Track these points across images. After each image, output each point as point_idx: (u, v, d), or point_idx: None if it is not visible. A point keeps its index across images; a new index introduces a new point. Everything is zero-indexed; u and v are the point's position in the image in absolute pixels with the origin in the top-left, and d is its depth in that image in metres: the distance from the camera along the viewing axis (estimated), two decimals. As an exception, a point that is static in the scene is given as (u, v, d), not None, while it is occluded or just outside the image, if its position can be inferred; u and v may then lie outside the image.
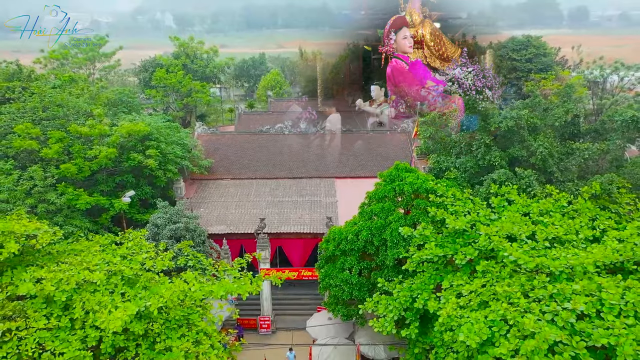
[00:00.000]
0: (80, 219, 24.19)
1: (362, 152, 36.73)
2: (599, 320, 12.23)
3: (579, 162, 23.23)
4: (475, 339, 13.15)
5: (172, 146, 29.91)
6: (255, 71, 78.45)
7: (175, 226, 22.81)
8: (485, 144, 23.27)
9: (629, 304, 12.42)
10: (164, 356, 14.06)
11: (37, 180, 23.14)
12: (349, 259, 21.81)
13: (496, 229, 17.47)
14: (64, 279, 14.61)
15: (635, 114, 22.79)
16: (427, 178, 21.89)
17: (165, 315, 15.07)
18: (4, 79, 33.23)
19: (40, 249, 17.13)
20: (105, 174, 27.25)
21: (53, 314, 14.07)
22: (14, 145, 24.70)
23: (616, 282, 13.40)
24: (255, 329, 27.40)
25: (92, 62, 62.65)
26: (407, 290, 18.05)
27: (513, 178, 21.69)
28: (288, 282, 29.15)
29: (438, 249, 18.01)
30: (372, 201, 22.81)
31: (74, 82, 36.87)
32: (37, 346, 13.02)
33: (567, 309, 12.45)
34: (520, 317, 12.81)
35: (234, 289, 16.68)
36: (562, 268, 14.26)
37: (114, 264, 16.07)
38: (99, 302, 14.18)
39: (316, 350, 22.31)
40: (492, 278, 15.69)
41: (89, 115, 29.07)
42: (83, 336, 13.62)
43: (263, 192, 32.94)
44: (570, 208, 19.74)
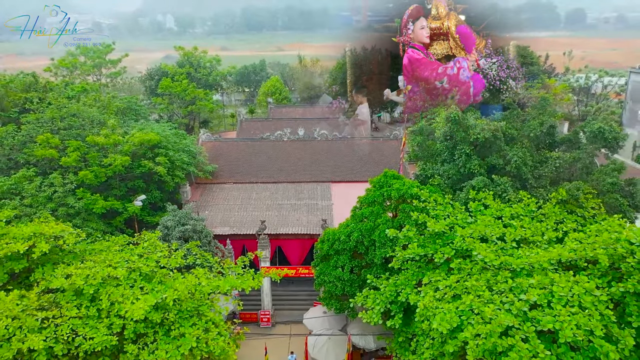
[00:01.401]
0: (96, 221, 26.21)
1: (356, 158, 38.74)
2: (548, 309, 14.25)
3: (552, 170, 25.25)
4: (446, 326, 15.18)
5: (180, 153, 31.91)
6: (255, 77, 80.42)
7: (184, 228, 24.84)
8: (466, 154, 25.27)
9: (574, 295, 14.45)
10: (178, 341, 16.05)
11: (57, 187, 25.15)
12: (342, 258, 23.79)
13: (471, 231, 19.50)
14: (90, 275, 16.63)
15: (601, 126, 24.85)
16: (412, 184, 23.88)
17: (178, 306, 17.06)
18: (22, 90, 35.23)
19: (65, 249, 19.17)
20: (118, 180, 29.27)
21: (82, 304, 16.07)
22: (36, 154, 26.73)
23: (567, 278, 15.43)
24: (257, 323, 29.40)
25: (98, 69, 64.79)
26: (392, 286, 20.08)
27: (490, 185, 23.70)
28: (287, 280, 31.26)
29: (420, 249, 19.99)
30: (362, 205, 24.83)
31: (86, 92, 38.83)
32: (70, 332, 15.02)
33: (522, 299, 14.49)
34: (484, 306, 14.83)
35: (237, 284, 18.77)
36: (523, 265, 16.30)
37: (132, 262, 18.10)
38: (122, 294, 16.19)
39: (312, 341, 24.33)
40: (465, 274, 17.72)
41: (103, 125, 31.08)
42: (109, 324, 15.63)
43: (263, 195, 34.92)
44: (539, 212, 21.77)
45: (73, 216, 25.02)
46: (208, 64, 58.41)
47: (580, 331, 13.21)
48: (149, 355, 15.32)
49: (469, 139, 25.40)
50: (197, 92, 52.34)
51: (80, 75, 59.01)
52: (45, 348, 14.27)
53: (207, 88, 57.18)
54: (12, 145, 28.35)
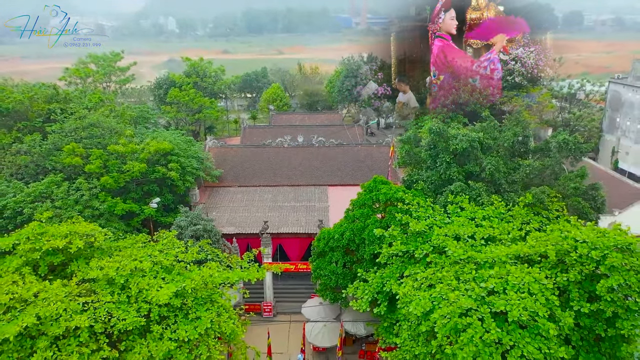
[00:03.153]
0: (117, 222, 28.93)
1: (351, 164, 41.45)
2: (503, 295, 16.97)
3: (523, 176, 27.95)
4: (420, 309, 17.90)
5: (190, 159, 34.60)
6: (257, 83, 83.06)
7: (195, 227, 27.56)
8: (447, 162, 27.99)
9: (525, 284, 17.17)
10: (195, 323, 18.79)
11: (83, 191, 27.87)
12: (336, 254, 26.48)
13: (446, 231, 22.25)
14: (120, 267, 19.38)
15: (565, 138, 27.57)
16: (397, 189, 26.62)
17: (194, 294, 19.77)
18: (44, 101, 37.93)
19: (96, 245, 21.90)
20: (135, 184, 31.97)
21: (115, 292, 18.81)
22: (64, 162, 29.47)
23: (522, 269, 18.16)
24: (260, 313, 32.09)
25: (108, 76, 67.52)
26: (379, 278, 22.84)
27: (466, 189, 26.40)
28: (287, 275, 33.96)
29: (403, 246, 22.75)
30: (354, 207, 27.52)
31: (102, 102, 41.57)
32: (106, 314, 17.74)
33: (482, 287, 17.22)
34: (451, 293, 17.56)
35: (244, 276, 21.57)
36: (486, 259, 19.03)
37: (154, 256, 20.85)
38: (148, 283, 18.93)
39: (309, 328, 27.04)
40: (439, 267, 20.45)
41: (120, 134, 33.81)
42: (137, 308, 18.35)
43: (266, 198, 37.65)
44: (508, 214, 24.49)
45: (97, 217, 27.70)
46: (213, 74, 61.17)
47: (526, 312, 15.94)
48: (172, 334, 18.04)
49: (449, 149, 28.12)
50: (203, 100, 55.13)
51: (92, 83, 61.69)
52: (87, 326, 16.99)
53: (212, 96, 59.97)
54: (40, 153, 31.07)
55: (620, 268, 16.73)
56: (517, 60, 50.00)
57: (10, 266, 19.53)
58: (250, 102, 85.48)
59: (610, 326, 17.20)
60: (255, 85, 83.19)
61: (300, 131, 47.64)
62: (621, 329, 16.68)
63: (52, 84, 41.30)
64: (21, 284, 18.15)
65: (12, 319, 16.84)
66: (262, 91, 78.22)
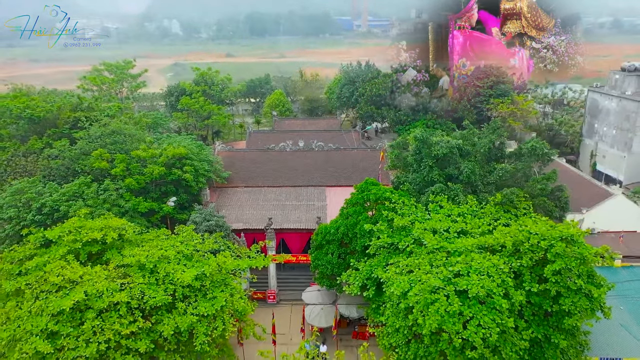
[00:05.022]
0: (139, 218, 32.29)
1: (347, 166, 44.76)
2: (467, 277, 20.30)
3: (497, 178, 31.25)
4: (399, 290, 21.22)
5: (202, 163, 37.95)
6: (261, 89, 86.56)
7: (209, 223, 30.91)
8: (429, 166, 31.31)
9: (485, 268, 20.49)
10: (212, 301, 22.12)
11: (111, 191, 31.29)
12: (331, 247, 29.73)
13: (425, 225, 25.58)
14: (149, 255, 22.76)
15: (533, 144, 30.90)
16: (386, 190, 29.94)
17: (211, 277, 23.12)
18: (70, 110, 41.38)
19: (126, 237, 25.27)
20: (153, 185, 35.34)
21: (145, 275, 22.18)
22: (93, 165, 32.92)
23: (484, 256, 21.49)
24: (265, 300, 35.42)
25: (121, 83, 71.04)
26: (368, 267, 26.12)
27: (446, 190, 29.70)
28: (289, 266, 37.32)
29: (389, 239, 26.07)
30: (348, 205, 30.82)
31: (121, 110, 45.01)
32: (140, 293, 21.11)
33: (449, 270, 20.56)
34: (424, 275, 20.89)
35: (252, 263, 24.94)
36: (455, 248, 22.37)
37: (176, 247, 24.23)
38: (173, 268, 22.30)
39: (308, 311, 30.37)
40: (418, 256, 23.77)
41: (140, 140, 37.21)
42: (165, 288, 21.70)
43: (270, 197, 40.96)
44: (481, 211, 27.81)
45: (123, 214, 31.04)
46: (220, 82, 64.64)
47: (484, 290, 19.26)
48: (193, 310, 21.41)
49: (432, 154, 31.44)
50: (212, 107, 58.60)
51: (107, 90, 65.24)
52: (125, 302, 20.37)
53: (219, 103, 63.45)
54: (70, 157, 34.49)
55: (563, 255, 20.04)
56: (548, 48, 52.15)
57: (57, 254, 22.94)
58: (254, 106, 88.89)
59: (555, 303, 20.50)
60: (259, 90, 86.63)
61: (301, 136, 50.94)
62: (563, 305, 20.00)
63: (77, 94, 44.78)
64: (69, 267, 21.53)
65: (64, 295, 20.22)
66: (266, 96, 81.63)
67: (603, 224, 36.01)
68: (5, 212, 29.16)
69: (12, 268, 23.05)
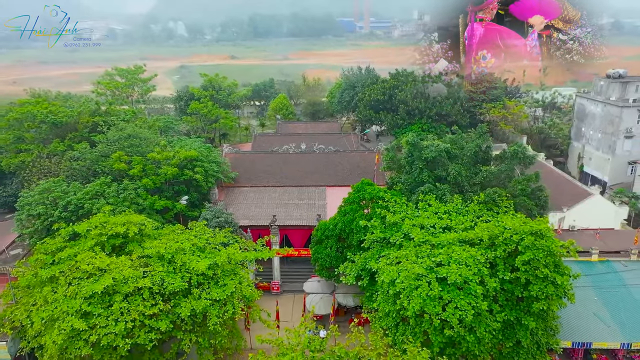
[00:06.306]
0: (155, 215, 34.95)
1: (346, 168, 47.27)
2: (447, 266, 22.79)
3: (482, 179, 33.71)
4: (388, 278, 23.75)
5: (211, 164, 40.58)
6: (265, 93, 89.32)
7: (218, 220, 33.54)
8: (420, 168, 33.81)
9: (464, 258, 23.01)
10: (223, 288, 24.71)
11: (130, 190, 33.99)
12: (330, 242, 32.27)
13: (414, 222, 28.10)
14: (167, 247, 25.39)
15: (515, 149, 33.36)
16: (380, 189, 32.46)
17: (222, 267, 25.72)
18: (89, 115, 44.10)
19: (145, 232, 27.89)
20: (167, 185, 38.00)
21: (164, 264, 24.80)
22: (113, 167, 35.61)
23: (463, 248, 24.02)
24: (269, 290, 38.01)
25: (132, 87, 73.79)
26: (362, 259, 28.67)
27: (434, 190, 32.20)
28: (291, 260, 39.88)
29: (381, 234, 28.61)
30: (346, 204, 33.34)
31: (135, 115, 47.71)
32: (160, 279, 23.73)
33: (432, 260, 23.09)
34: (410, 265, 23.43)
35: (259, 255, 27.54)
36: (438, 242, 24.90)
37: (191, 240, 26.86)
38: (188, 258, 24.93)
39: (309, 300, 32.95)
40: (406, 249, 26.30)
41: (155, 143, 39.87)
42: (181, 276, 24.31)
43: (274, 196, 43.54)
44: (465, 209, 30.31)
45: (140, 211, 33.69)
46: (227, 88, 67.36)
47: (461, 277, 21.77)
48: (207, 295, 24.01)
49: (422, 157, 33.95)
50: (219, 111, 61.31)
51: (120, 94, 68.01)
52: (147, 287, 23.02)
53: (226, 107, 66.16)
54: (91, 159, 37.20)
55: (532, 247, 22.54)
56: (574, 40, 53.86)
57: (86, 246, 25.61)
58: (259, 109, 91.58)
59: (525, 290, 23.00)
60: (263, 94, 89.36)
61: (304, 139, 53.50)
62: (532, 291, 22.50)
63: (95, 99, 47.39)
64: (98, 257, 24.19)
65: (94, 281, 22.87)
66: (270, 99, 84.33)
67: (583, 221, 38.47)
68: (34, 209, 31.84)
69: (46, 258, 25.73)
